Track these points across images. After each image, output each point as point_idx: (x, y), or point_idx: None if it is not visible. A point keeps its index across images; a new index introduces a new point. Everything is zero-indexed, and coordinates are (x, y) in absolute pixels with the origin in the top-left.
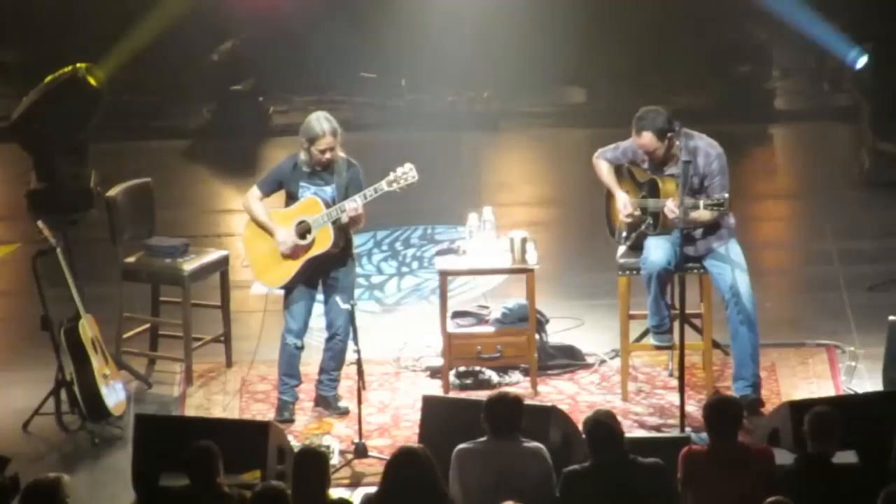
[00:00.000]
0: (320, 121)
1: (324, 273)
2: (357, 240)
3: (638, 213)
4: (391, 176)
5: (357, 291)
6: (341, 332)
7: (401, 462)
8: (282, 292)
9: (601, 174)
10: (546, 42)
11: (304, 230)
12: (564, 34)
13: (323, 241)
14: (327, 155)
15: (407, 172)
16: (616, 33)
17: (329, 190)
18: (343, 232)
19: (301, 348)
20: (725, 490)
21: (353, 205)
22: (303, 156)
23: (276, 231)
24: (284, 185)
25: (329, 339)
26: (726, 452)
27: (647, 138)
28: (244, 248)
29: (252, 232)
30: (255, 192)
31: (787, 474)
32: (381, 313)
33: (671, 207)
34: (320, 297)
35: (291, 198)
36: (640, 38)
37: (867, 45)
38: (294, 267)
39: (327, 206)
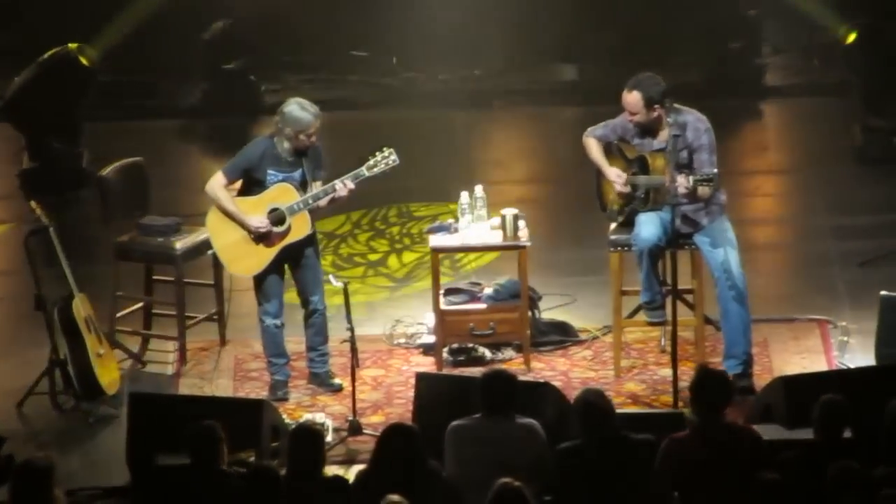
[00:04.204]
0: (306, 109)
1: (291, 253)
2: (332, 223)
3: (629, 188)
4: (371, 161)
5: (359, 269)
6: (320, 307)
7: (390, 439)
8: None
9: (591, 152)
10: (538, 19)
11: (277, 218)
12: (556, 11)
13: (301, 228)
14: (313, 139)
15: (387, 157)
16: (607, 10)
17: (297, 174)
18: (312, 216)
19: (281, 326)
20: (715, 474)
21: (349, 185)
22: (286, 144)
23: (248, 221)
24: (251, 172)
25: (309, 316)
26: (713, 433)
27: (634, 98)
28: (210, 236)
29: (217, 218)
30: (220, 178)
31: (795, 461)
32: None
33: (681, 182)
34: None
35: (256, 184)
36: (632, 14)
37: (858, 21)
38: (270, 255)
39: (299, 191)
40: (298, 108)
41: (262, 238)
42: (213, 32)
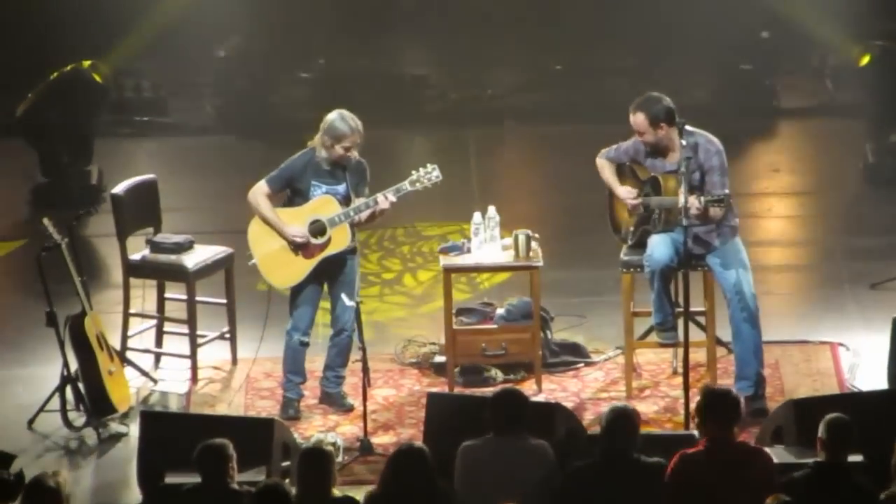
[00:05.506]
0: (346, 120)
1: (331, 269)
2: None
3: (641, 209)
4: (413, 175)
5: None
6: (348, 328)
7: (400, 460)
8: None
9: (603, 174)
10: (550, 38)
11: (318, 229)
12: (569, 30)
13: (340, 241)
14: (351, 152)
15: (430, 172)
16: (620, 30)
17: (341, 188)
18: (353, 229)
19: (307, 344)
20: (725, 493)
21: (391, 198)
22: (323, 153)
23: (286, 229)
24: (294, 183)
25: (335, 335)
26: (724, 452)
27: (640, 119)
28: (251, 246)
29: (259, 228)
30: (263, 187)
31: (801, 482)
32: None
33: (693, 203)
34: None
35: (299, 195)
36: (645, 34)
37: (871, 43)
38: (308, 266)
39: (342, 204)
40: (339, 119)
41: (301, 249)
42: (227, 49)
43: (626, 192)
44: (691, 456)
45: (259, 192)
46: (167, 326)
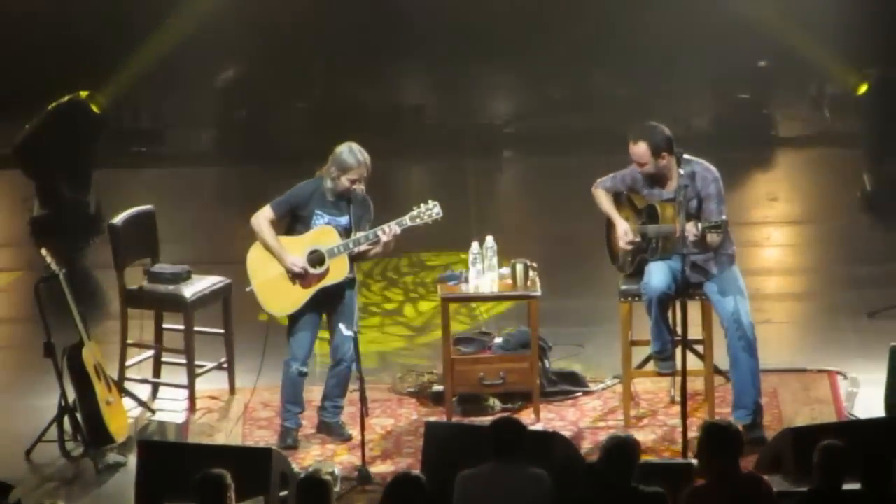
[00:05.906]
0: (353, 152)
1: (330, 299)
2: None
3: (638, 239)
4: (414, 211)
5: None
6: (347, 359)
7: (397, 489)
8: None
9: (601, 204)
10: (548, 67)
11: (317, 259)
12: (567, 59)
13: (338, 272)
14: (356, 185)
15: (431, 209)
16: (618, 58)
17: (344, 220)
18: (352, 260)
19: (305, 374)
20: None
21: (392, 230)
22: (329, 184)
23: (286, 257)
24: (298, 210)
25: (335, 366)
26: (730, 484)
27: (642, 148)
28: (250, 272)
29: (259, 255)
30: (267, 212)
31: None
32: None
33: (690, 230)
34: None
35: (301, 222)
36: (643, 63)
37: (869, 71)
38: (305, 296)
39: (342, 236)
40: (347, 150)
41: (299, 278)
42: (223, 80)
43: (622, 232)
44: (699, 489)
45: (263, 217)
46: (165, 356)
